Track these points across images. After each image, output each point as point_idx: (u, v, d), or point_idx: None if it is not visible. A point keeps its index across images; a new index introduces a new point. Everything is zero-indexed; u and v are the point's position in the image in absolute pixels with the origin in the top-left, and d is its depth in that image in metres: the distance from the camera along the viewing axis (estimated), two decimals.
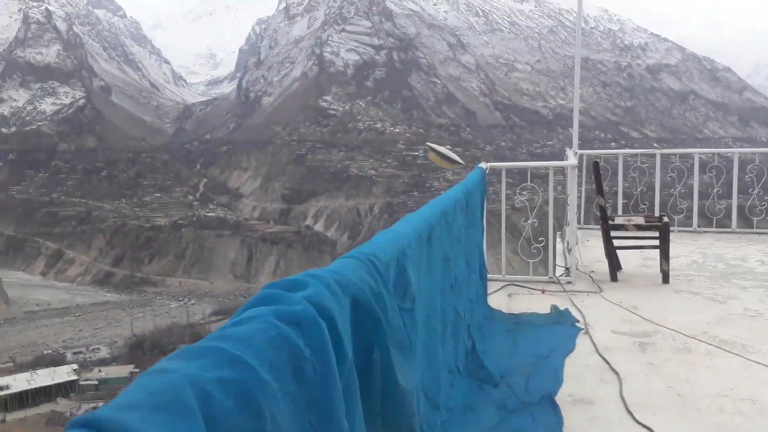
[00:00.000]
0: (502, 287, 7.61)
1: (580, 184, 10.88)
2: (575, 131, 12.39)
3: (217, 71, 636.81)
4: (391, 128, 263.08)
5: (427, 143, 10.19)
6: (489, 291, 6.95)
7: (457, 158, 8.93)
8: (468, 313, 5.02)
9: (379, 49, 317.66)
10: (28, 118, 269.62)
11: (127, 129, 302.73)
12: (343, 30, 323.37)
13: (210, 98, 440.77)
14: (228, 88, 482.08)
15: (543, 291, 7.52)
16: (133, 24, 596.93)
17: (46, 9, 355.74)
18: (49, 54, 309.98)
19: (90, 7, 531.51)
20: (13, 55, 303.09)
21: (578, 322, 6.16)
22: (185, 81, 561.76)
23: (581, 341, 5.57)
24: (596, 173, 8.80)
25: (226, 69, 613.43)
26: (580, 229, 10.56)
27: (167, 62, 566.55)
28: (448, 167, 9.02)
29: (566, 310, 6.59)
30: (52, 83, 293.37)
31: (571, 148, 11.38)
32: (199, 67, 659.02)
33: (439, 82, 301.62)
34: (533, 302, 7.05)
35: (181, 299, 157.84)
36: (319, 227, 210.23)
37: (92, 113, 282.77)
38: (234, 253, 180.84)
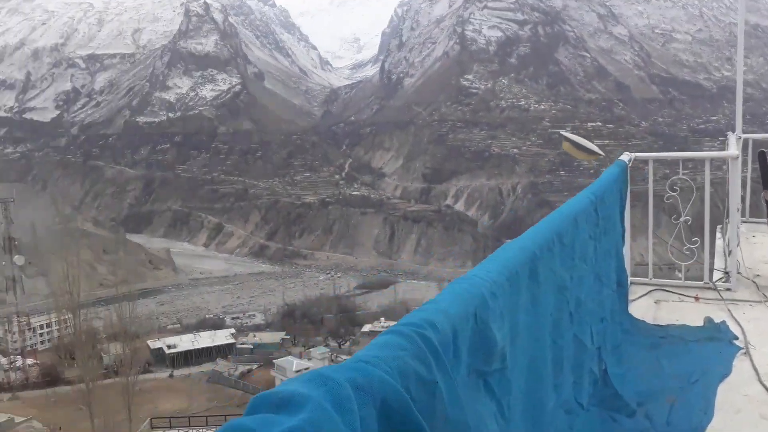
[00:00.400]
0: (648, 293, 6.49)
1: (744, 171, 9.12)
2: (738, 111, 10.24)
3: (360, 55, 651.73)
4: (536, 105, 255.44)
5: (560, 132, 9.22)
6: (632, 297, 6.02)
7: (595, 148, 7.95)
8: (598, 335, 4.29)
9: (523, 24, 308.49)
10: (191, 104, 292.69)
11: (279, 112, 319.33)
12: (485, 7, 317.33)
13: (354, 81, 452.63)
14: (371, 71, 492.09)
15: (696, 298, 6.27)
16: (282, 12, 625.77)
17: (204, 2, 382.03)
18: (207, 44, 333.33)
19: None
20: (177, 46, 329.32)
21: (737, 339, 5.01)
22: (331, 65, 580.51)
23: (739, 364, 4.51)
24: (762, 165, 7.69)
25: (369, 52, 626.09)
26: (744, 222, 8.89)
27: (314, 48, 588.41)
28: (585, 159, 8.01)
29: (723, 323, 5.39)
30: (211, 71, 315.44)
31: (734, 132, 9.91)
32: (344, 52, 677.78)
33: (588, 55, 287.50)
34: (684, 312, 5.88)
35: (328, 272, 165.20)
36: (459, 206, 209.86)
37: (247, 98, 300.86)
38: (377, 230, 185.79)
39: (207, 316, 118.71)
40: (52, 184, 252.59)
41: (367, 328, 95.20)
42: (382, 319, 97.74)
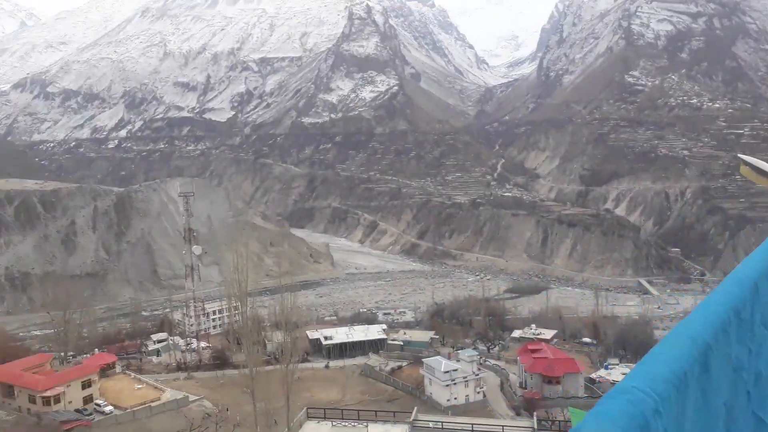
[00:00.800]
0: None
1: None
2: None
3: (518, 52, 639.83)
4: (710, 103, 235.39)
5: (739, 155, 8.18)
6: None
7: None
8: None
9: (696, 17, 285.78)
10: (351, 105, 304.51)
11: (433, 112, 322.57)
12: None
13: (510, 80, 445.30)
14: (528, 68, 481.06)
15: None
16: (441, 12, 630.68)
17: (367, 5, 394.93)
18: (368, 46, 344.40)
19: (403, 0, 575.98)
20: (340, 48, 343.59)
21: None
22: (487, 64, 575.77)
23: None
24: None
25: (527, 50, 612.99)
26: None
27: (471, 47, 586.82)
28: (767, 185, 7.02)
29: None
30: (371, 72, 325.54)
31: None
32: (501, 50, 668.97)
33: None
34: None
35: (477, 274, 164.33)
36: (620, 211, 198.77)
37: (404, 99, 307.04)
38: (529, 233, 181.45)
39: (361, 310, 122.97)
40: (226, 180, 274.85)
41: (517, 333, 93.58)
42: (533, 325, 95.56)
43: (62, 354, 71.88)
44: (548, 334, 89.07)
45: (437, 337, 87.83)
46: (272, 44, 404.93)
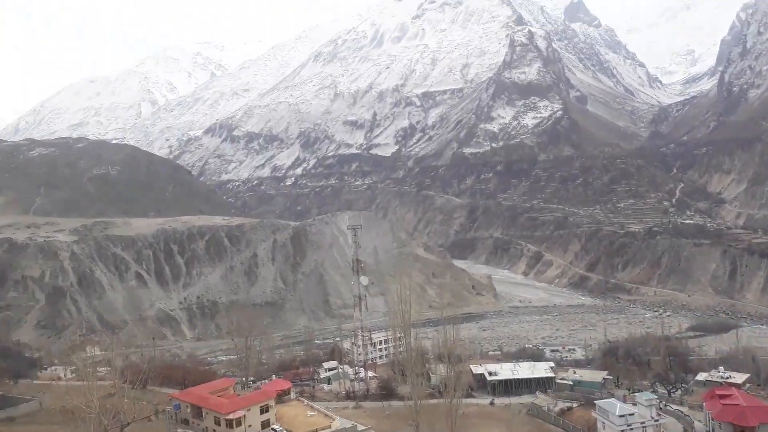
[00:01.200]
0: None
1: None
2: None
3: (695, 68, 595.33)
4: None
5: None
6: None
7: None
8: None
9: None
10: (513, 133, 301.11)
11: (601, 136, 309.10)
12: None
13: (687, 97, 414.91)
14: (707, 84, 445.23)
15: None
16: (607, 32, 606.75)
17: (529, 31, 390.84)
18: (530, 72, 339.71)
19: (567, 22, 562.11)
20: (501, 77, 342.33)
21: None
22: (660, 82, 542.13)
23: None
24: None
25: (705, 65, 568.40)
26: None
27: (641, 65, 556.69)
28: None
29: None
30: (533, 98, 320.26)
31: None
32: (675, 66, 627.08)
33: None
34: None
35: (655, 309, 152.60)
36: None
37: (568, 123, 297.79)
38: (714, 265, 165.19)
39: (526, 345, 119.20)
40: (391, 212, 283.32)
41: (702, 376, 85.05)
42: (721, 368, 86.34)
43: (243, 379, 77.31)
44: (739, 377, 79.97)
45: (611, 377, 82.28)
46: (434, 78, 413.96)
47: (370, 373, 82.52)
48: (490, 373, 79.81)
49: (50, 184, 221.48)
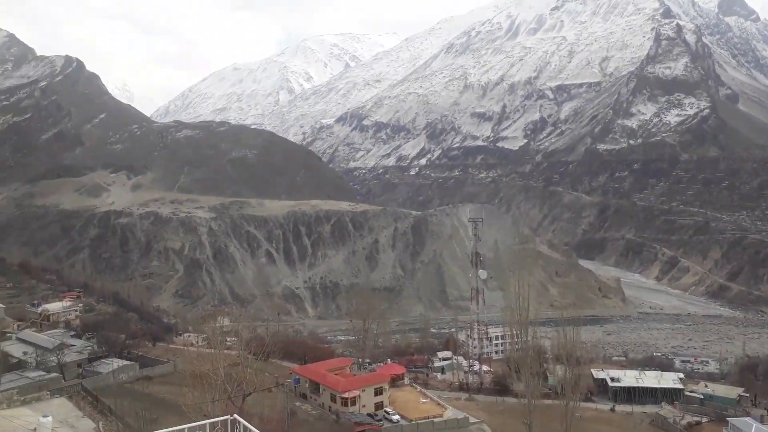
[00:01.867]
0: None
1: None
2: None
3: None
4: None
5: None
6: None
7: None
8: None
9: None
10: (653, 130, 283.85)
11: (752, 137, 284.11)
12: None
13: None
14: None
15: None
16: (766, 26, 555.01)
17: (677, 24, 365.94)
18: (676, 67, 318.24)
19: (720, 16, 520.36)
20: (644, 71, 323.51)
21: None
22: None
23: None
24: None
25: None
26: None
27: None
28: None
29: None
30: (678, 95, 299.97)
31: None
32: None
33: None
34: None
35: None
36: None
37: (716, 122, 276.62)
38: None
39: (654, 353, 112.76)
40: (515, 207, 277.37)
41: None
42: None
43: (359, 360, 79.11)
44: None
45: (747, 395, 75.97)
46: (570, 71, 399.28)
47: (485, 367, 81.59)
48: (613, 379, 76.44)
49: (193, 164, 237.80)
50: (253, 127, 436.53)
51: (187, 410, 29.29)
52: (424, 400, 60.98)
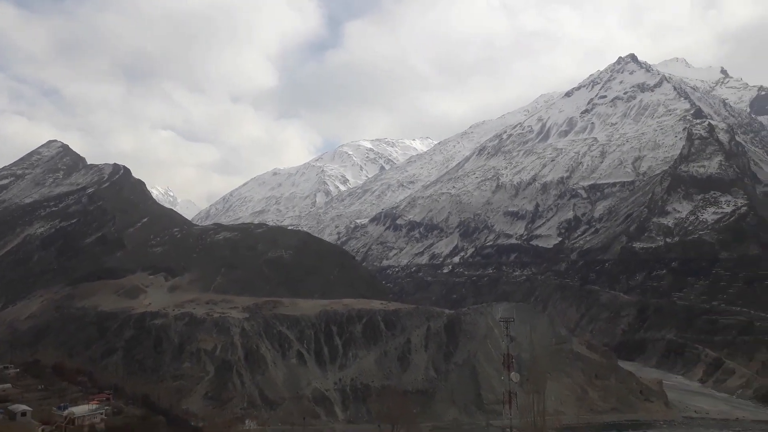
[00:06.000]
0: None
1: None
2: None
3: None
4: None
5: None
6: None
7: None
8: None
9: None
10: (690, 228, 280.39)
11: None
12: None
13: None
14: None
15: None
16: None
17: (709, 124, 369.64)
18: (710, 166, 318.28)
19: (753, 115, 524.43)
20: (678, 170, 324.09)
21: None
22: None
23: None
24: None
25: None
26: None
27: None
28: None
29: None
30: (714, 193, 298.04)
31: None
32: None
33: None
34: None
35: None
36: None
37: (755, 220, 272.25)
38: None
39: None
40: (551, 306, 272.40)
41: None
42: None
43: None
44: None
45: None
46: (602, 171, 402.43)
47: None
48: None
49: (230, 265, 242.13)
50: (289, 228, 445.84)
51: None
52: None
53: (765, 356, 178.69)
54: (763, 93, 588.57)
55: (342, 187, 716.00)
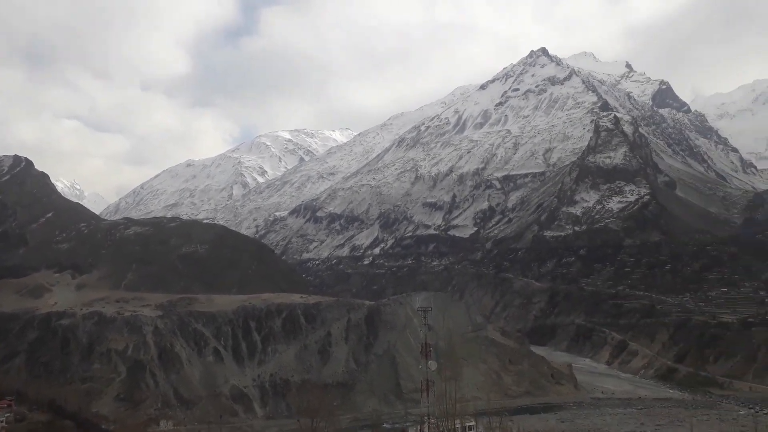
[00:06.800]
0: None
1: None
2: None
3: None
4: None
5: None
6: None
7: None
8: None
9: None
10: (597, 217, 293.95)
11: (691, 222, 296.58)
12: None
13: None
14: None
15: None
16: (697, 117, 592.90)
17: (615, 116, 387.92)
18: (616, 157, 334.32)
19: (655, 108, 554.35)
20: (585, 161, 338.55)
21: None
22: (755, 168, 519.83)
23: None
24: None
25: None
26: None
27: (734, 150, 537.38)
28: None
29: None
30: (619, 183, 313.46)
31: None
32: None
33: None
34: None
35: (750, 406, 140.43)
36: None
37: (656, 208, 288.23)
38: None
39: None
40: (468, 294, 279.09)
41: None
42: None
43: None
44: None
45: None
46: (515, 162, 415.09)
47: None
48: None
49: (142, 261, 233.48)
50: (205, 221, 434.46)
51: None
52: None
53: (665, 337, 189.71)
54: (664, 87, 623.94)
55: (260, 179, 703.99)
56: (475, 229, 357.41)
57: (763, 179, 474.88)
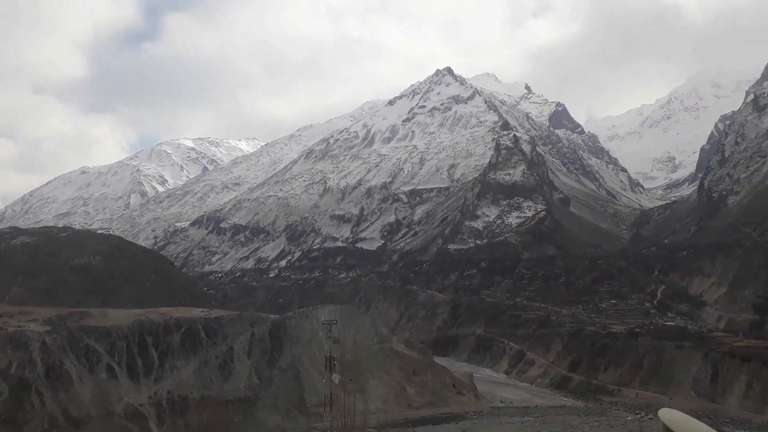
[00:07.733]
0: None
1: None
2: None
3: (676, 174, 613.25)
4: None
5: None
6: None
7: None
8: None
9: None
10: (497, 231, 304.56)
11: (584, 237, 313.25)
12: None
13: (668, 202, 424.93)
14: (688, 190, 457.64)
15: None
16: (590, 138, 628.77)
17: (514, 136, 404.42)
18: (515, 174, 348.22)
19: (551, 128, 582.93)
20: (487, 177, 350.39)
21: None
22: (642, 187, 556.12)
23: None
24: None
25: (686, 171, 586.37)
26: None
27: (624, 170, 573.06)
28: None
29: None
30: (517, 199, 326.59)
31: None
32: (656, 172, 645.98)
33: None
34: None
35: (637, 412, 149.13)
36: None
37: (552, 224, 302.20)
38: (696, 368, 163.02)
39: None
40: (374, 306, 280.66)
41: None
42: None
43: None
44: None
45: None
46: (422, 177, 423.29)
47: None
48: None
49: (29, 273, 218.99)
50: (99, 232, 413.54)
51: None
52: None
53: (559, 347, 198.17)
54: (560, 108, 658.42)
55: (160, 188, 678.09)
56: (383, 241, 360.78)
57: (649, 198, 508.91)
